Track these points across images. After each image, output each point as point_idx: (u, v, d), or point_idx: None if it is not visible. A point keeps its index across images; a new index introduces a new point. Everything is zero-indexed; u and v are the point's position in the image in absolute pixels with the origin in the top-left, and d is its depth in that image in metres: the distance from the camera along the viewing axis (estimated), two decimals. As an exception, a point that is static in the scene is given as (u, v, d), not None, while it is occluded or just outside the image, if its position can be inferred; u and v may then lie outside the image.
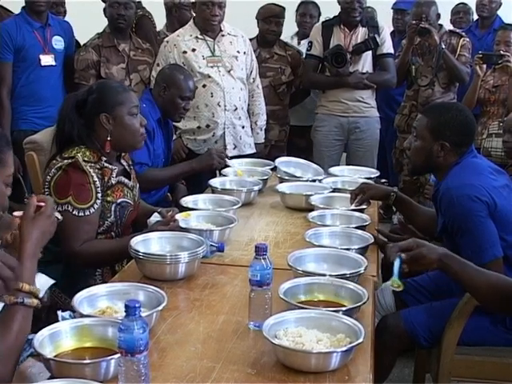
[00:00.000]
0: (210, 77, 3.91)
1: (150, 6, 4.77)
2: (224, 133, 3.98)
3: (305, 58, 4.54)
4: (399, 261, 1.84)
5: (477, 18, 5.49)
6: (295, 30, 5.28)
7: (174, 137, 3.82)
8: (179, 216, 2.60)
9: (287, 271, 2.15)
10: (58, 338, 1.66)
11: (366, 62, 4.39)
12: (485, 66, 4.53)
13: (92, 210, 2.40)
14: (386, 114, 4.98)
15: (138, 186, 2.70)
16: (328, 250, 2.32)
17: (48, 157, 2.90)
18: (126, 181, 2.58)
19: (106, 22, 4.16)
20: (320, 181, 3.36)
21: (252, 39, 4.42)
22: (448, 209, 2.33)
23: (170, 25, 4.73)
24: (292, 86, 4.70)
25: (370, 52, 4.36)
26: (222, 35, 4.00)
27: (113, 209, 2.49)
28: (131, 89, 2.69)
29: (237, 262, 2.39)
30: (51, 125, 3.41)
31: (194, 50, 3.93)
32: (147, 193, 3.20)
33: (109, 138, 2.47)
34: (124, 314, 1.46)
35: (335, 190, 3.18)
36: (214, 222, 2.66)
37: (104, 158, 2.48)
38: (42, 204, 1.74)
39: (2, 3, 4.64)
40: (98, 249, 2.41)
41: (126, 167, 2.65)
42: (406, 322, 2.40)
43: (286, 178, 3.39)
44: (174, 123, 3.72)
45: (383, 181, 3.73)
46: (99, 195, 2.42)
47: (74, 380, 1.47)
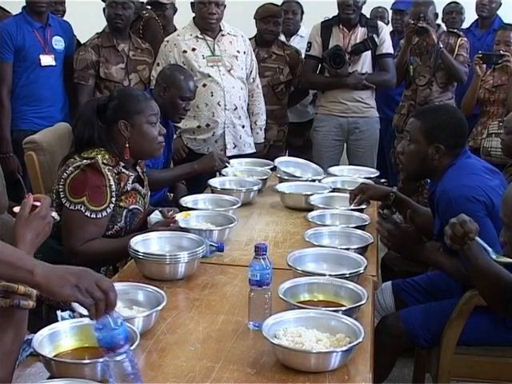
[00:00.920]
0: (210, 76, 3.91)
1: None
2: (224, 132, 3.98)
3: (304, 58, 4.54)
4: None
5: (467, 17, 5.49)
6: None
7: (174, 137, 3.82)
8: (179, 216, 2.60)
9: (287, 271, 2.15)
10: (58, 338, 1.66)
11: (365, 63, 4.38)
12: (484, 65, 4.54)
13: (104, 214, 2.40)
14: (386, 114, 4.98)
15: (149, 193, 2.70)
16: (327, 250, 2.32)
17: (48, 157, 2.91)
18: (140, 188, 2.59)
19: (105, 21, 4.16)
20: (319, 181, 3.36)
21: (250, 39, 4.41)
22: (446, 211, 2.32)
23: None
24: (290, 86, 4.70)
25: (370, 52, 4.36)
26: (222, 35, 4.01)
27: (124, 214, 2.49)
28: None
29: (236, 262, 2.39)
30: (51, 125, 3.42)
31: (194, 49, 3.93)
32: (154, 193, 3.20)
33: (127, 145, 2.48)
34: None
35: (335, 190, 3.19)
36: (214, 222, 2.66)
37: (122, 164, 2.48)
38: (38, 204, 1.70)
39: (1, 4, 4.64)
40: (97, 248, 2.41)
41: (140, 174, 2.65)
42: (406, 322, 2.40)
43: (286, 177, 3.39)
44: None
45: (383, 181, 3.73)
46: (113, 200, 2.42)
47: (73, 380, 1.48)
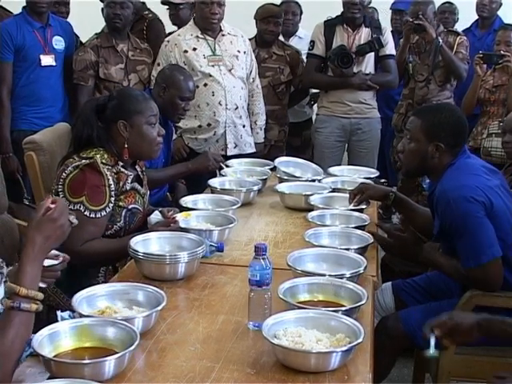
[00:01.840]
0: (211, 76, 3.91)
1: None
2: (225, 132, 3.99)
3: (306, 57, 4.53)
4: (434, 337, 1.84)
5: (468, 17, 5.48)
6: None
7: (174, 137, 3.82)
8: (179, 216, 2.60)
9: (287, 271, 2.15)
10: (58, 338, 1.66)
11: (368, 63, 4.37)
12: (485, 65, 4.53)
13: (103, 213, 2.40)
14: (385, 114, 4.98)
15: (148, 192, 2.70)
16: (327, 250, 2.32)
17: (48, 157, 2.91)
18: (139, 187, 2.59)
19: (103, 22, 4.15)
20: (319, 181, 3.36)
21: (250, 39, 4.42)
22: (445, 211, 2.32)
23: None
24: (291, 86, 4.70)
25: (373, 53, 4.36)
26: (223, 35, 4.01)
27: (123, 214, 2.49)
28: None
29: (236, 262, 2.39)
30: (51, 125, 3.41)
31: (194, 49, 3.94)
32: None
33: (126, 146, 2.48)
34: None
35: (335, 190, 3.18)
36: (214, 222, 2.66)
37: (121, 163, 2.48)
38: (52, 206, 1.67)
39: (1, 3, 4.64)
40: (97, 249, 2.41)
41: (140, 173, 2.65)
42: (405, 322, 2.41)
43: (286, 177, 3.39)
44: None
45: (383, 181, 3.73)
46: (112, 199, 2.42)
47: (73, 380, 1.48)
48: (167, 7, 4.66)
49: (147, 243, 2.34)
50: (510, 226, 2.34)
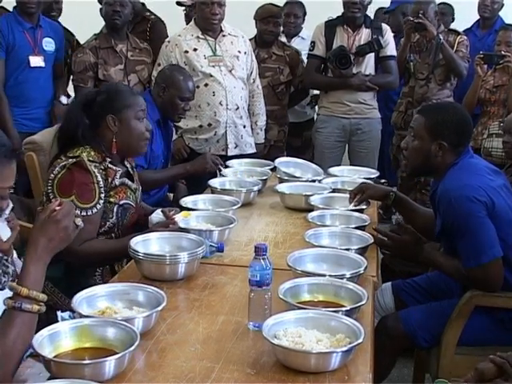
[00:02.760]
0: (211, 76, 3.91)
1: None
2: (226, 132, 3.99)
3: (307, 57, 4.53)
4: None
5: (469, 17, 5.47)
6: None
7: (174, 137, 3.82)
8: (179, 216, 2.60)
9: (287, 271, 2.15)
10: (58, 339, 1.66)
11: (368, 64, 4.37)
12: (485, 66, 4.53)
13: (94, 210, 2.40)
14: (384, 114, 4.97)
15: (140, 188, 2.70)
16: (327, 251, 2.32)
17: (48, 157, 2.91)
18: (130, 183, 2.59)
19: (102, 22, 4.15)
20: (319, 181, 3.36)
21: (250, 39, 4.42)
22: (447, 210, 2.32)
23: None
24: (290, 86, 4.70)
25: (373, 54, 4.35)
26: (223, 35, 4.01)
27: (115, 210, 2.49)
28: (138, 93, 2.70)
29: (236, 263, 2.39)
30: (39, 126, 3.40)
31: (195, 49, 3.94)
32: (147, 193, 3.20)
33: (114, 140, 2.49)
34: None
35: (335, 191, 3.18)
36: (214, 223, 2.66)
37: (108, 159, 2.48)
38: (58, 208, 1.67)
39: (1, 4, 4.64)
40: (97, 248, 2.41)
41: (130, 169, 2.65)
42: (406, 322, 2.40)
43: (286, 178, 3.39)
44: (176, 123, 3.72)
45: (383, 181, 3.73)
46: (102, 196, 2.42)
47: (73, 380, 1.48)
48: (183, 8, 4.81)
49: (147, 243, 2.34)
50: (511, 226, 2.34)
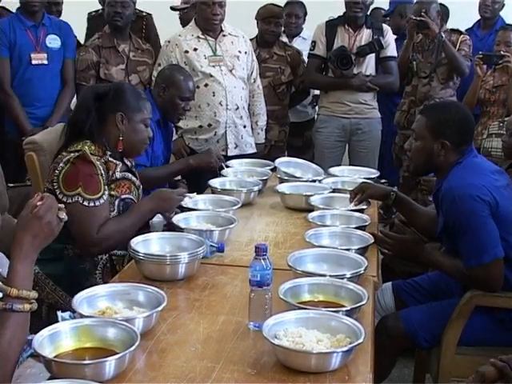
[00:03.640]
0: (211, 76, 3.91)
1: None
2: (226, 132, 3.98)
3: (308, 57, 4.53)
4: None
5: (470, 17, 5.47)
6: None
7: (174, 137, 3.82)
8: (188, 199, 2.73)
9: (287, 271, 2.15)
10: (58, 339, 1.66)
11: (369, 64, 4.37)
12: (485, 66, 4.53)
13: (102, 201, 2.39)
14: (383, 114, 4.97)
15: (141, 187, 2.71)
16: (328, 251, 2.32)
17: (48, 157, 2.92)
18: (134, 178, 2.60)
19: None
20: (320, 181, 3.36)
21: (251, 39, 4.42)
22: (450, 208, 2.33)
23: None
24: (291, 86, 4.70)
25: (374, 54, 4.35)
26: (224, 35, 4.01)
27: (116, 203, 2.49)
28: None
29: (237, 263, 2.39)
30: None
31: (195, 49, 3.93)
32: (148, 192, 3.20)
33: (121, 138, 2.50)
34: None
35: (335, 191, 3.18)
36: (214, 223, 2.66)
37: (108, 153, 2.49)
38: (39, 203, 1.64)
39: (2, 4, 4.64)
40: (114, 229, 2.41)
41: (130, 167, 2.65)
42: (406, 322, 2.40)
43: (286, 178, 3.39)
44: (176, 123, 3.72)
45: (383, 181, 3.73)
46: (106, 187, 2.43)
47: (74, 380, 1.48)
48: (178, 12, 4.87)
49: (148, 244, 2.34)
50: None
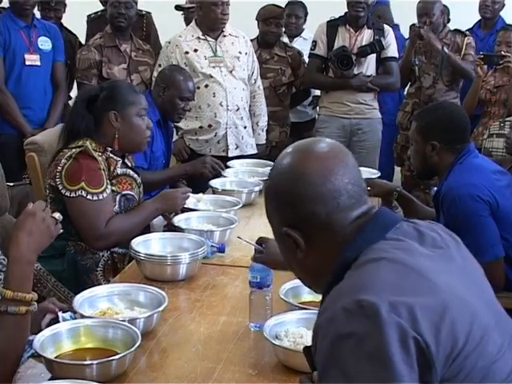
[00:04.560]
0: (212, 77, 3.91)
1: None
2: (226, 133, 3.98)
3: (308, 56, 4.53)
4: None
5: (471, 17, 5.46)
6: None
7: (174, 137, 3.82)
8: (192, 198, 2.72)
9: (287, 272, 2.15)
10: (59, 339, 1.66)
11: (369, 65, 4.36)
12: (486, 66, 4.53)
13: (105, 195, 2.40)
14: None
15: (142, 185, 2.71)
16: (329, 251, 2.31)
17: (49, 158, 2.92)
18: (136, 176, 2.60)
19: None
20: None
21: (252, 40, 4.41)
22: (450, 208, 2.33)
23: None
24: (292, 87, 4.70)
25: (374, 55, 4.35)
26: (224, 36, 4.00)
27: (117, 199, 2.50)
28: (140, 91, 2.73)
29: (237, 263, 2.39)
30: (38, 127, 3.39)
31: (195, 50, 3.93)
32: (148, 194, 3.20)
33: (116, 136, 2.50)
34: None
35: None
36: (215, 223, 2.66)
37: (109, 149, 2.50)
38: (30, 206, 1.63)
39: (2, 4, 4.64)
40: (122, 224, 2.42)
41: (131, 167, 2.65)
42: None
43: (287, 178, 3.38)
44: (176, 123, 3.72)
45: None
46: (108, 182, 2.44)
47: (74, 381, 1.48)
48: (181, 12, 4.88)
49: (148, 244, 2.34)
50: None
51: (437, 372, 1.03)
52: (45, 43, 4.13)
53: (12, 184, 3.68)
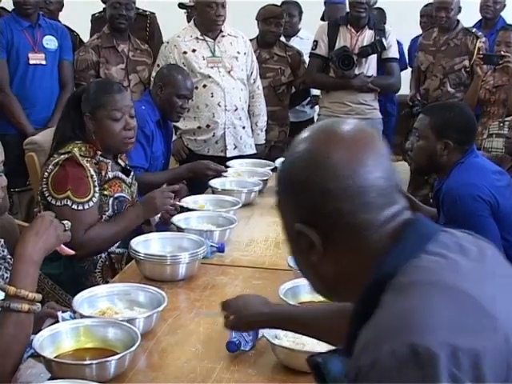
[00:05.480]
0: (210, 77, 3.91)
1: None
2: (224, 133, 3.98)
3: (309, 56, 4.53)
4: None
5: (471, 17, 5.46)
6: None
7: (174, 137, 3.82)
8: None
9: (287, 272, 2.15)
10: (59, 339, 1.66)
11: (370, 65, 4.37)
12: (485, 66, 4.53)
13: (91, 204, 2.38)
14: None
15: (136, 184, 2.70)
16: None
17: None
18: (124, 177, 2.58)
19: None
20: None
21: (252, 40, 4.42)
22: (450, 208, 2.33)
23: None
24: (292, 87, 4.70)
25: (376, 55, 4.35)
26: (223, 36, 4.00)
27: (110, 203, 2.48)
28: (125, 89, 2.69)
29: (237, 263, 2.39)
30: (43, 127, 3.39)
31: (194, 50, 3.93)
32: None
33: (93, 138, 2.47)
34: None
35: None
36: (215, 223, 2.66)
37: (99, 153, 2.47)
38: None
39: (2, 4, 4.64)
40: (101, 232, 2.40)
41: (124, 167, 2.64)
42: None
43: (287, 178, 3.38)
44: (175, 123, 3.72)
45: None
46: (97, 189, 2.41)
47: (74, 381, 1.48)
48: (185, 11, 4.89)
49: (148, 244, 2.34)
50: None
51: None
52: (50, 42, 4.12)
53: (18, 189, 3.69)
